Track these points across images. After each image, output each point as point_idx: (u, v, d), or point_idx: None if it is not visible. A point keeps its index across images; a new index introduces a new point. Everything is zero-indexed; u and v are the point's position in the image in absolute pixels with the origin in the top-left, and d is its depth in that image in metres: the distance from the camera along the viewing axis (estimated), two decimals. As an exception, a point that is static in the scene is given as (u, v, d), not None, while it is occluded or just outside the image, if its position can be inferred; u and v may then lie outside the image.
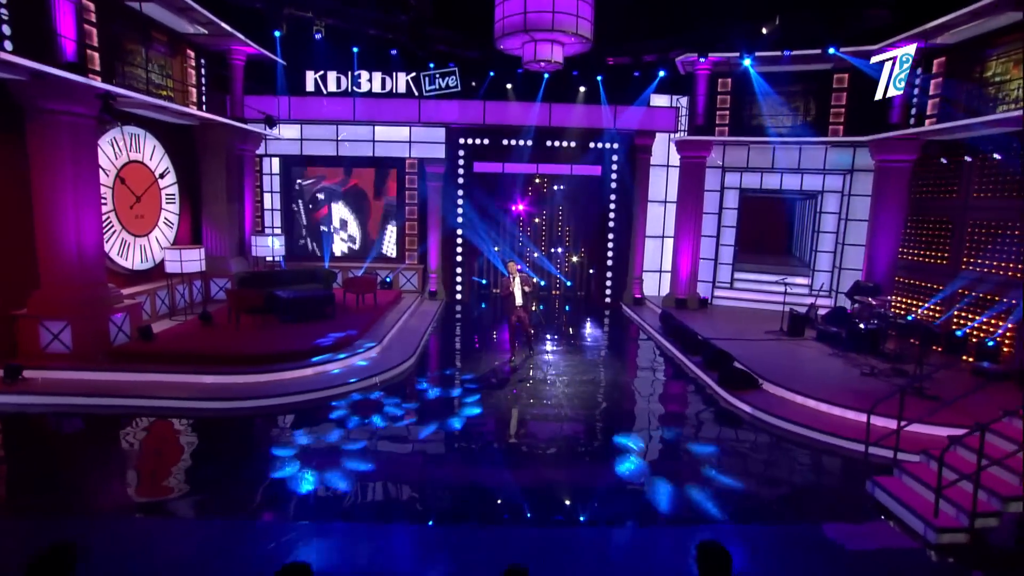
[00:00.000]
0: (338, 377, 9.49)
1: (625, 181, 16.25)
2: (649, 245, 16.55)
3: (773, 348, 11.43)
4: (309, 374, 9.59)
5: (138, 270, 11.90)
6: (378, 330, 11.89)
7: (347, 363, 10.14)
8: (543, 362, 11.03)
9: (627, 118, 15.71)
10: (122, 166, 11.30)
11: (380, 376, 9.82)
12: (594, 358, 11.40)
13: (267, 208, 16.44)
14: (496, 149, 16.10)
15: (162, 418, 8.00)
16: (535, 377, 10.08)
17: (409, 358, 10.73)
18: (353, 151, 16.08)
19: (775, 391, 9.18)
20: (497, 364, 10.86)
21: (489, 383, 9.71)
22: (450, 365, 11.17)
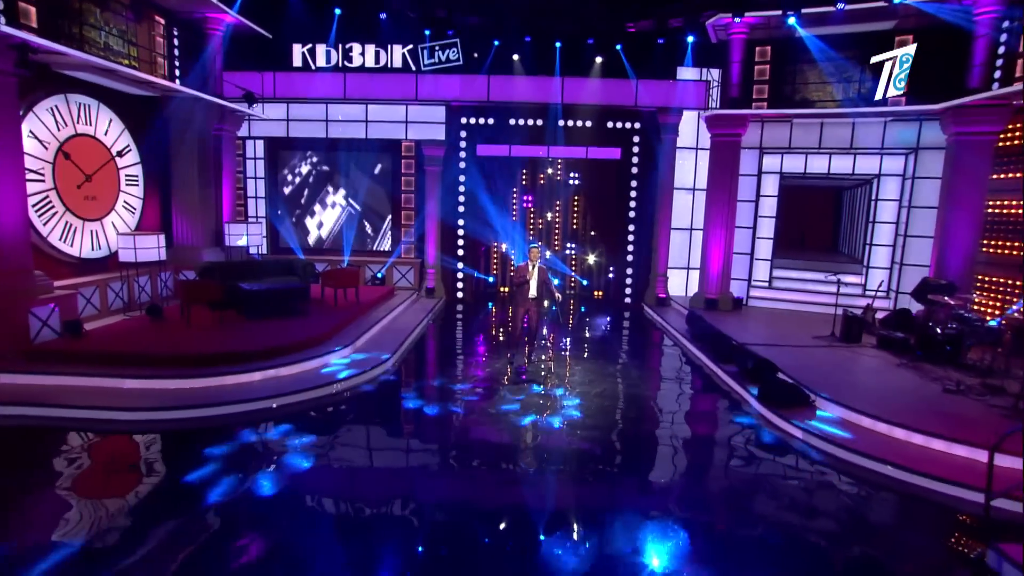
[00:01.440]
0: (291, 384, 7.92)
1: (648, 166, 14.44)
2: (675, 239, 14.68)
3: (825, 356, 9.50)
4: (256, 380, 8.04)
5: (88, 258, 10.54)
6: (354, 330, 10.31)
7: (307, 367, 8.57)
8: (548, 371, 9.29)
9: (650, 93, 13.92)
10: (66, 139, 9.95)
11: (345, 383, 8.22)
12: (607, 367, 9.61)
13: (251, 196, 15.05)
14: (502, 130, 14.46)
15: (63, 430, 6.50)
16: (534, 390, 8.32)
17: (383, 364, 9.11)
18: (344, 132, 14.60)
19: (833, 410, 7.30)
20: (489, 373, 9.16)
21: (475, 396, 8.01)
22: (432, 373, 9.51)
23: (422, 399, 7.85)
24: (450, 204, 14.81)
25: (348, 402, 7.83)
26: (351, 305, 11.68)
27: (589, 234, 15.59)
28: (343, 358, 9.17)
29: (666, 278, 14.57)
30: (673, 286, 14.81)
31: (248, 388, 7.76)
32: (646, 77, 13.85)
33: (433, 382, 8.58)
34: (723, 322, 11.80)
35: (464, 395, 7.99)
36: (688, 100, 13.91)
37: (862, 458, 6.14)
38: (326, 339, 9.50)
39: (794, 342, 10.37)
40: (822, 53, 12.25)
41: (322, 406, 7.61)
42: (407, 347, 10.33)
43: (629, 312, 14.50)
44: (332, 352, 9.10)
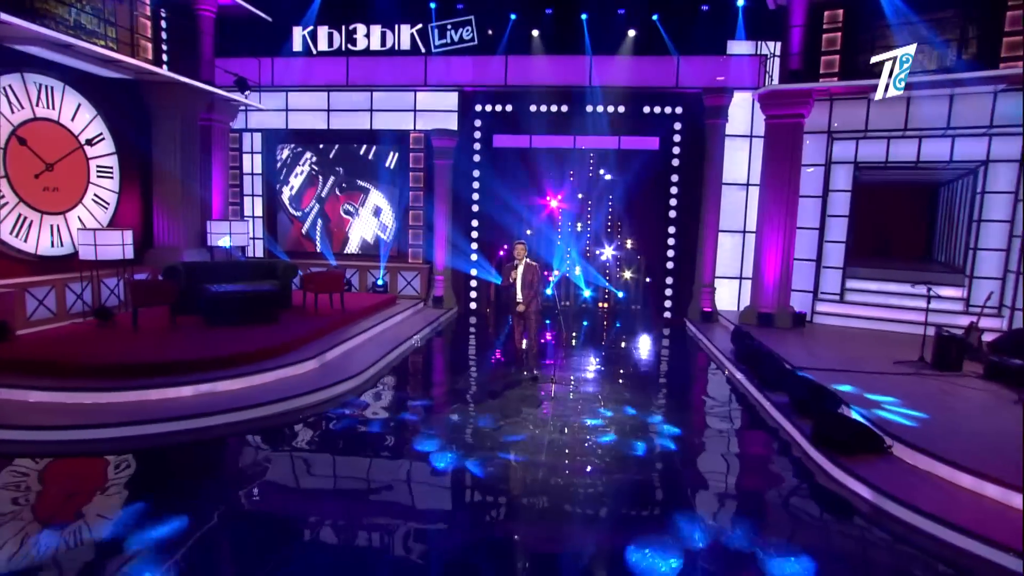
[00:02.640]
0: (227, 401, 6.85)
1: (692, 157, 12.82)
2: (725, 243, 12.93)
3: (910, 387, 7.61)
4: (186, 395, 6.99)
5: (47, 256, 9.91)
6: (325, 343, 9.18)
7: (252, 383, 7.47)
8: (552, 400, 7.83)
9: (694, 72, 12.37)
10: (21, 123, 9.39)
11: (294, 402, 7.08)
12: (624, 396, 8.05)
13: (247, 193, 14.37)
14: (522, 118, 13.22)
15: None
16: (529, 430, 6.87)
17: (344, 383, 7.91)
18: (347, 123, 13.74)
19: (919, 462, 5.50)
20: (479, 407, 7.79)
21: (442, 444, 6.65)
22: (400, 403, 8.22)
23: (372, 445, 6.52)
24: (463, 202, 13.63)
25: (275, 434, 6.63)
26: (334, 313, 10.60)
27: (624, 238, 14.03)
28: (304, 370, 8.04)
29: (713, 289, 12.80)
30: (722, 299, 13.02)
31: (175, 404, 6.74)
32: (689, 53, 12.31)
33: (399, 416, 7.24)
34: (778, 341, 9.98)
35: (428, 436, 6.62)
36: (740, 78, 12.25)
37: (967, 539, 4.37)
38: (286, 351, 8.40)
39: (869, 368, 8.48)
40: (912, 12, 10.36)
41: (256, 430, 6.47)
42: (385, 366, 9.10)
43: (669, 329, 12.80)
44: (288, 366, 7.98)
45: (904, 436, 5.78)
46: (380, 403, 7.70)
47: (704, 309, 12.60)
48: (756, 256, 11.63)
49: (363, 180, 14.04)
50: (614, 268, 14.26)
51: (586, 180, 13.80)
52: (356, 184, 14.02)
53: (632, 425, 6.77)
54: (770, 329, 11.09)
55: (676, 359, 10.58)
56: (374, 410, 7.43)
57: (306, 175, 14.17)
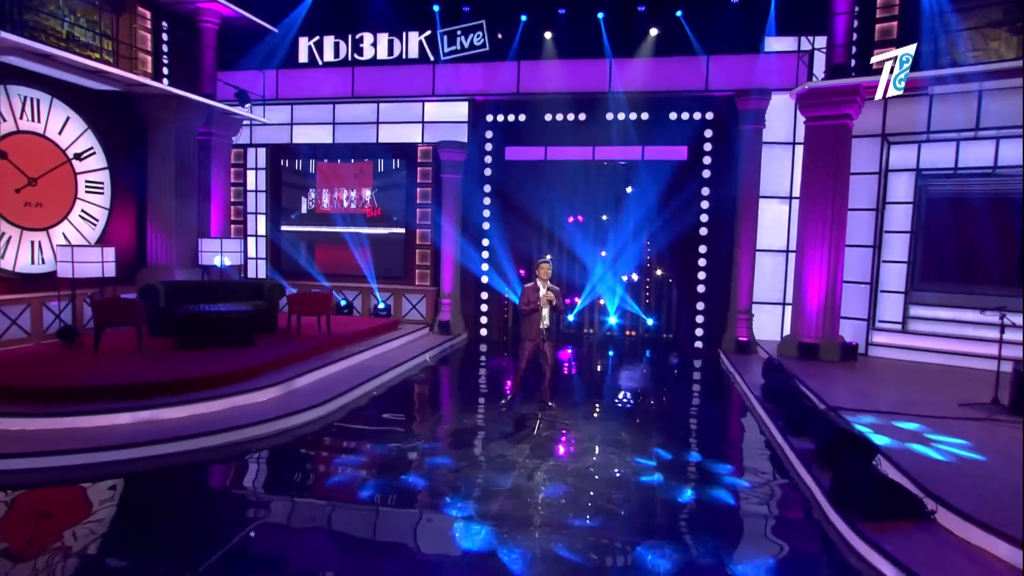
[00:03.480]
0: (169, 429, 6.44)
1: (724, 167, 11.88)
2: (764, 264, 11.84)
3: (976, 435, 6.40)
4: (124, 423, 6.60)
5: (27, 273, 9.90)
6: (301, 367, 8.72)
7: (204, 410, 7.04)
8: (533, 439, 7.03)
9: (725, 73, 11.54)
10: (2, 137, 9.47)
11: (240, 432, 6.57)
12: (627, 440, 7.15)
13: (251, 211, 14.30)
14: (536, 128, 12.65)
15: None
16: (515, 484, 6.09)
17: (305, 412, 7.35)
18: (353, 137, 13.52)
19: (972, 535, 4.41)
20: (464, 450, 7.09)
21: (403, 505, 5.97)
22: (363, 443, 7.58)
23: (302, 489, 5.89)
24: (473, 220, 13.08)
25: (204, 470, 6.10)
26: (318, 337, 10.14)
27: (650, 258, 13.12)
28: (264, 397, 7.56)
29: (750, 316, 11.68)
30: (763, 327, 11.87)
31: (109, 433, 6.34)
32: (719, 51, 11.50)
33: (351, 458, 6.60)
34: (820, 377, 8.84)
35: (381, 483, 5.94)
36: (778, 78, 11.32)
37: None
38: (249, 377, 7.94)
39: (926, 410, 7.27)
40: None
41: (188, 464, 6.00)
42: (359, 397, 8.52)
43: (701, 360, 11.74)
44: (246, 393, 7.52)
45: (954, 499, 4.69)
46: (333, 440, 7.07)
47: (739, 338, 11.49)
48: (796, 278, 10.51)
49: (368, 196, 13.72)
50: (641, 292, 13.33)
51: (607, 194, 13.03)
52: (362, 200, 13.71)
53: (621, 476, 5.88)
54: (814, 362, 9.91)
55: (699, 397, 9.55)
56: (325, 448, 6.82)
57: (310, 192, 13.98)
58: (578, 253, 13.51)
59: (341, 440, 7.05)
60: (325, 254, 13.86)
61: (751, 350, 11.45)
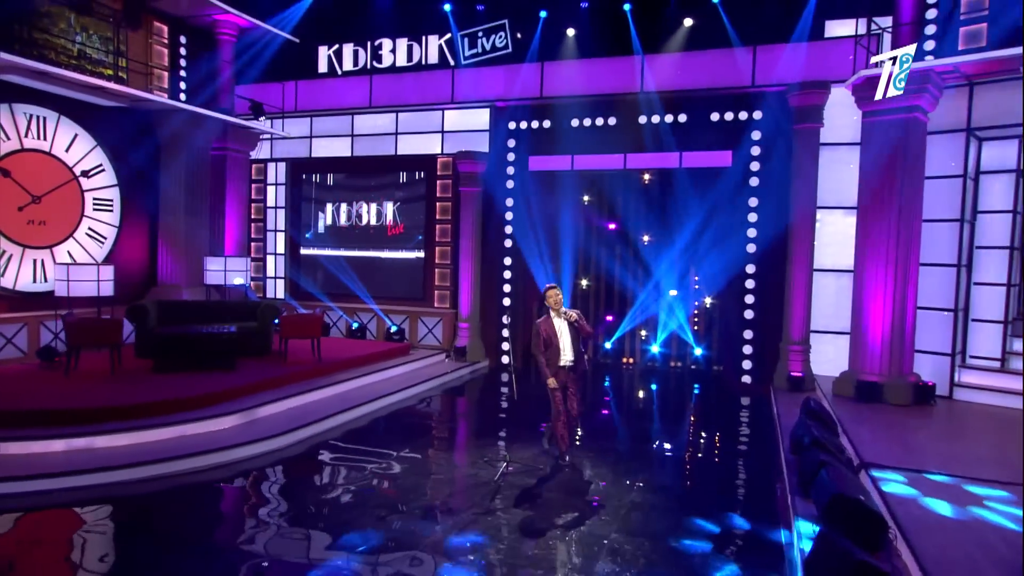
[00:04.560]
0: (103, 458, 6.38)
1: (774, 174, 10.83)
2: (826, 286, 10.64)
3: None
4: (58, 449, 6.58)
5: (27, 291, 10.35)
6: (273, 394, 8.52)
7: (148, 438, 6.97)
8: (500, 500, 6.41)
9: (775, 64, 10.61)
10: (6, 155, 10.01)
11: (180, 463, 6.42)
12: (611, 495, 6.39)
13: (270, 229, 14.52)
14: (561, 135, 12.11)
15: None
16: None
17: (255, 444, 7.09)
18: (371, 149, 13.49)
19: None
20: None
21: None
22: (321, 479, 7.19)
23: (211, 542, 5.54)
24: (493, 238, 12.64)
25: (128, 504, 5.91)
26: (307, 362, 9.95)
27: (692, 279, 12.16)
28: (212, 430, 7.38)
29: (805, 348, 10.47)
30: (825, 360, 10.59)
31: (39, 460, 6.33)
32: (766, 41, 10.59)
33: (270, 508, 6.22)
34: (873, 423, 7.67)
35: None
36: (837, 68, 10.24)
37: None
38: (209, 403, 7.80)
39: (997, 474, 6.04)
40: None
41: (115, 496, 5.93)
42: (330, 429, 8.20)
43: (749, 398, 10.64)
44: (201, 421, 7.38)
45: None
46: (266, 481, 6.73)
47: (792, 374, 10.31)
48: (854, 303, 9.30)
49: (385, 212, 13.59)
50: (688, 317, 12.35)
51: (642, 207, 12.25)
52: (381, 216, 13.60)
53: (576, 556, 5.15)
54: (875, 406, 8.65)
55: (726, 445, 8.52)
56: (264, 488, 6.48)
57: (328, 207, 14.03)
58: (614, 273, 12.76)
59: (273, 481, 6.69)
60: (341, 273, 13.81)
61: (806, 387, 10.23)
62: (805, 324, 10.47)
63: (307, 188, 14.18)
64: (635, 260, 12.56)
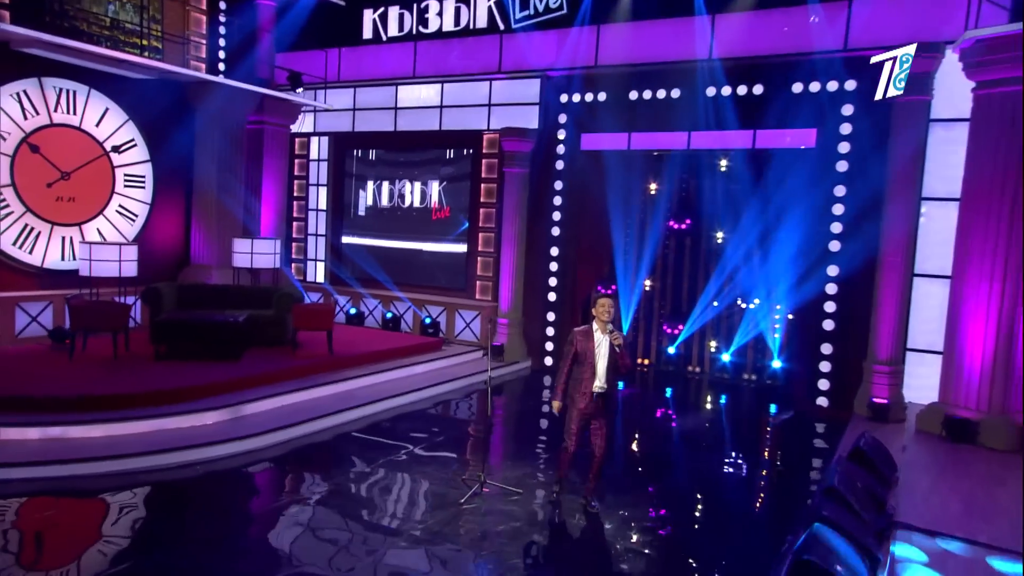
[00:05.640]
0: (76, 449, 6.76)
1: (867, 157, 9.80)
2: (929, 295, 9.52)
3: None
4: (33, 437, 7.06)
5: (53, 269, 11.14)
6: (268, 390, 8.72)
7: (127, 430, 7.30)
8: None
9: (875, 23, 9.55)
10: (35, 130, 10.76)
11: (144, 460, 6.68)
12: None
13: (312, 208, 14.88)
14: (617, 110, 11.56)
15: None
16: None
17: (229, 443, 7.26)
18: (414, 124, 13.46)
19: None
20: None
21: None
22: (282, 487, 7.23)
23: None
24: (540, 224, 12.30)
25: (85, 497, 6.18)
26: (318, 356, 10.11)
27: (764, 280, 11.30)
28: (193, 425, 7.65)
29: (895, 369, 9.43)
30: (926, 386, 9.42)
31: (17, 448, 6.78)
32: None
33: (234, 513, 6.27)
34: (950, 471, 6.77)
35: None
36: (954, 26, 9.04)
37: None
38: (193, 397, 8.06)
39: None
40: None
41: (77, 489, 6.28)
42: (319, 432, 8.27)
43: (824, 424, 9.79)
44: (186, 415, 7.69)
45: None
46: (232, 487, 6.85)
47: (875, 399, 9.33)
48: (950, 318, 8.24)
49: (432, 192, 13.55)
50: (760, 324, 11.53)
51: (709, 195, 11.50)
52: (425, 197, 13.59)
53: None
54: (966, 448, 7.66)
55: (767, 485, 7.82)
56: (214, 495, 6.61)
57: (370, 186, 14.19)
58: (680, 271, 12.11)
59: (229, 487, 6.81)
60: (380, 258, 13.95)
61: (893, 417, 9.24)
62: (896, 341, 9.42)
63: (349, 165, 14.39)
64: (700, 256, 11.83)
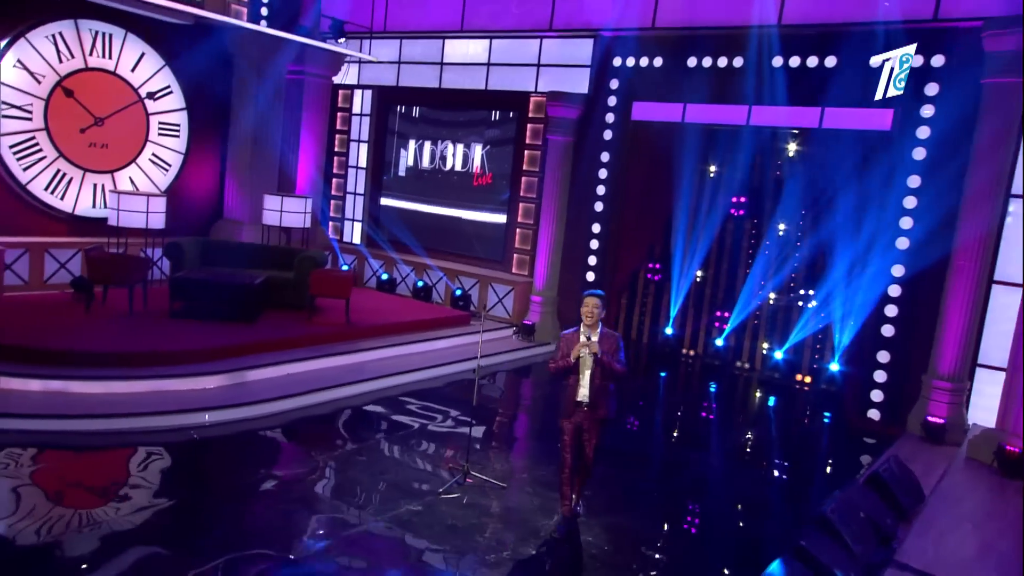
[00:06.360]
0: (76, 404, 7.21)
1: (950, 143, 9.12)
2: (1007, 306, 8.87)
3: None
4: (35, 389, 7.50)
5: (83, 216, 11.68)
6: (276, 356, 8.99)
7: (132, 388, 7.70)
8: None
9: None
10: (69, 74, 11.20)
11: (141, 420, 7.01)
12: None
13: (352, 165, 15.04)
14: (673, 77, 11.13)
15: None
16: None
17: (216, 410, 7.52)
18: (459, 81, 13.33)
19: None
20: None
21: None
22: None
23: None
24: (582, 197, 12.07)
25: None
26: (335, 324, 10.32)
27: (824, 276, 10.80)
28: (192, 388, 7.97)
29: (958, 387, 8.88)
30: (991, 407, 8.86)
31: (20, 400, 7.23)
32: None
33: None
34: (982, 509, 6.36)
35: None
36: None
37: None
38: (196, 359, 8.39)
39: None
40: None
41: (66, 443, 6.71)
42: (318, 404, 8.47)
43: (874, 439, 9.35)
44: (186, 377, 8.02)
45: None
46: (212, 454, 7.10)
47: (930, 419, 8.82)
48: (1017, 333, 7.66)
49: (474, 156, 13.48)
50: (815, 322, 11.07)
51: (769, 177, 11.02)
52: (468, 161, 13.55)
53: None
54: (1021, 484, 7.16)
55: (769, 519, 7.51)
56: (195, 460, 6.88)
57: (411, 145, 14.21)
58: (731, 257, 11.72)
59: (209, 454, 7.07)
60: (418, 223, 14.02)
61: (950, 439, 8.73)
62: (961, 355, 8.83)
63: (392, 121, 14.42)
64: (756, 243, 11.39)
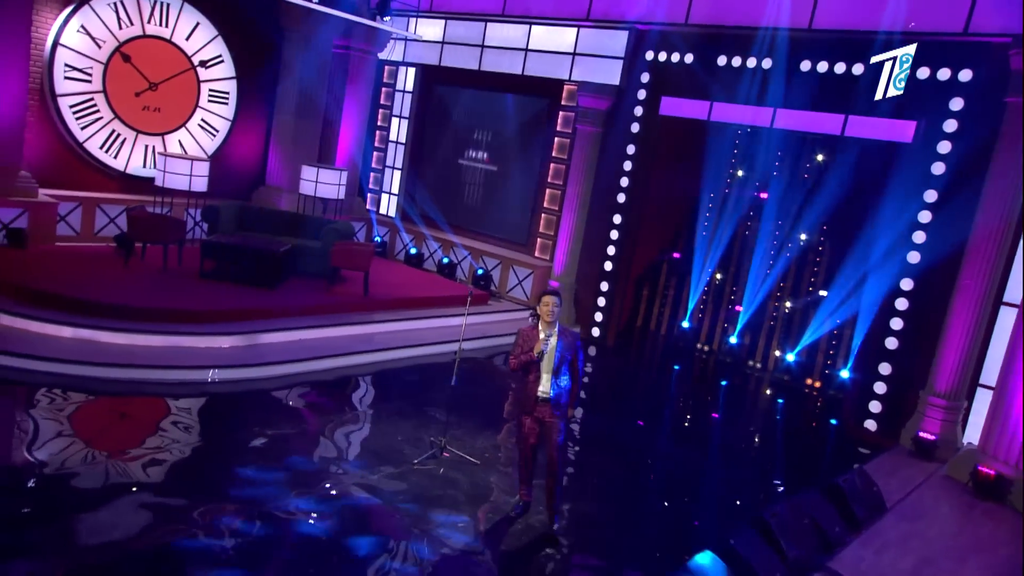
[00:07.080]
0: (104, 352, 8.10)
1: (971, 161, 9.22)
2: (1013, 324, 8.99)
3: None
4: (66, 335, 8.45)
5: (133, 175, 12.64)
6: (293, 322, 9.79)
7: (152, 342, 8.56)
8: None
9: (1003, 6, 8.83)
10: (127, 40, 12.10)
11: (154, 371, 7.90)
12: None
13: (392, 140, 15.69)
14: (702, 74, 11.39)
15: None
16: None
17: (222, 369, 8.32)
18: (498, 65, 13.78)
19: None
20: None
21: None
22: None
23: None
24: (606, 187, 12.46)
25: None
26: (353, 295, 11.04)
27: (836, 283, 10.98)
28: (209, 346, 8.82)
29: (953, 405, 9.06)
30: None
31: (54, 344, 8.15)
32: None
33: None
34: (944, 529, 6.66)
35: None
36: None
37: None
38: (211, 319, 9.22)
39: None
40: None
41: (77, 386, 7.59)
42: (325, 371, 9.22)
43: (860, 452, 9.61)
44: (201, 336, 8.85)
45: None
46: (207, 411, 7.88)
47: (921, 434, 9.05)
48: (1008, 354, 7.82)
49: (504, 140, 13.98)
50: (827, 327, 11.28)
51: (786, 180, 11.22)
52: (501, 142, 14.05)
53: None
54: (990, 507, 7.40)
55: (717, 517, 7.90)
56: (191, 414, 7.66)
57: (449, 125, 14.76)
58: (749, 258, 11.97)
59: (207, 410, 7.83)
60: (448, 200, 14.64)
61: (940, 456, 8.95)
62: (959, 374, 9.01)
63: (432, 100, 15.00)
64: (774, 246, 11.61)
